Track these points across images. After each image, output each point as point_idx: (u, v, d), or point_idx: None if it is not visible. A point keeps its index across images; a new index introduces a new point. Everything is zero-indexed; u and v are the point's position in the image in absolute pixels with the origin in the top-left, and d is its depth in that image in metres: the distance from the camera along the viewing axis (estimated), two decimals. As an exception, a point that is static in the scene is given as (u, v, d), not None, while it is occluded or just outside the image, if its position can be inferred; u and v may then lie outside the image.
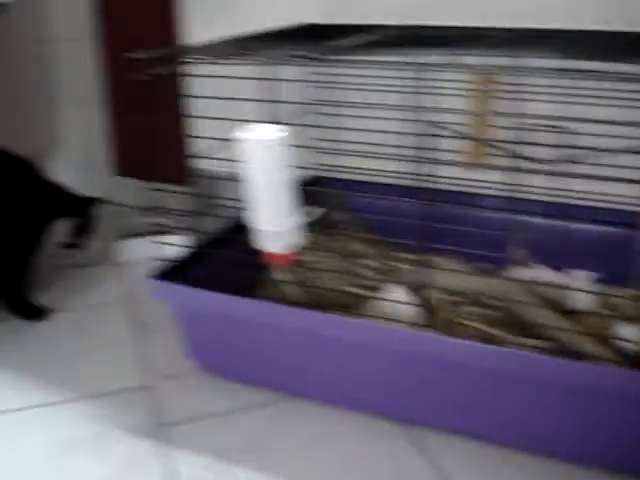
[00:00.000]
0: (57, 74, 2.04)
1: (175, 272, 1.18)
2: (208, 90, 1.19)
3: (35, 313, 1.44)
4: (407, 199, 1.43)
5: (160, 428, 1.11)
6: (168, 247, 1.19)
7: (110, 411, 1.15)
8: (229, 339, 1.18)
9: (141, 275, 1.62)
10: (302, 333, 1.10)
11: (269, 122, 0.98)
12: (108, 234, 1.83)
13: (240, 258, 1.16)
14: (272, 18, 1.65)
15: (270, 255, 1.01)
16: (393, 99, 1.34)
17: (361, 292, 1.26)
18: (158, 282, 1.16)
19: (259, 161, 0.94)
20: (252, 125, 0.96)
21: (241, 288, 1.15)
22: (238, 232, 1.28)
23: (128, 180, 2.00)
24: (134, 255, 1.69)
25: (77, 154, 2.02)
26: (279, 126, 0.97)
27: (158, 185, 1.16)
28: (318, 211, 1.03)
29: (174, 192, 1.24)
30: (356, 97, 1.32)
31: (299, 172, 1.02)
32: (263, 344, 1.15)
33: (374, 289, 1.27)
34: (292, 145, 0.98)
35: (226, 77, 1.16)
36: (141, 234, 1.72)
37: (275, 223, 0.97)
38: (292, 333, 1.11)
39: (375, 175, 1.40)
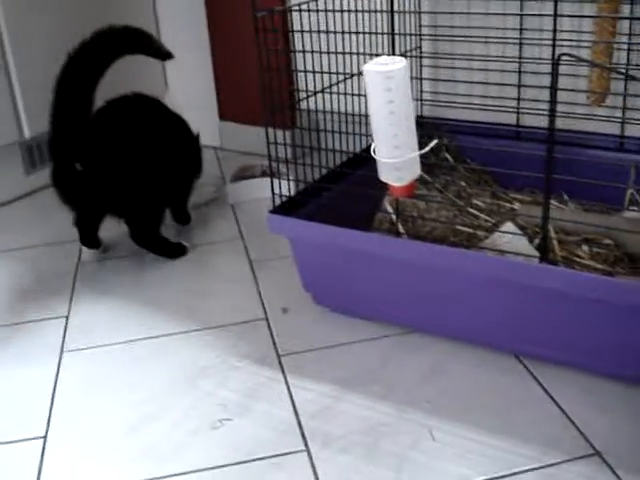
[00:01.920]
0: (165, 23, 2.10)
1: (292, 207, 1.21)
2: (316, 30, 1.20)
3: (178, 251, 1.51)
4: (518, 140, 1.43)
5: (277, 358, 1.16)
6: (279, 187, 1.21)
7: (231, 341, 1.21)
8: (344, 273, 1.20)
9: (253, 214, 1.68)
10: (416, 267, 1.11)
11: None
12: (218, 177, 1.88)
13: (356, 192, 1.17)
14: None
15: (390, 187, 1.02)
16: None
17: (473, 230, 1.26)
18: (276, 217, 1.18)
19: (381, 92, 0.94)
20: (376, 58, 0.96)
21: (358, 222, 1.17)
22: (354, 167, 1.30)
23: (235, 124, 2.05)
24: (244, 196, 1.73)
25: (185, 99, 2.08)
26: (399, 57, 0.97)
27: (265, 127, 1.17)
28: (429, 146, 1.02)
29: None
30: (475, 32, 1.31)
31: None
32: (378, 278, 1.17)
33: (486, 228, 1.26)
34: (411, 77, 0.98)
35: (341, 11, 1.16)
36: (250, 176, 1.76)
37: (396, 154, 0.98)
38: (407, 267, 1.12)
39: (488, 110, 1.38)
